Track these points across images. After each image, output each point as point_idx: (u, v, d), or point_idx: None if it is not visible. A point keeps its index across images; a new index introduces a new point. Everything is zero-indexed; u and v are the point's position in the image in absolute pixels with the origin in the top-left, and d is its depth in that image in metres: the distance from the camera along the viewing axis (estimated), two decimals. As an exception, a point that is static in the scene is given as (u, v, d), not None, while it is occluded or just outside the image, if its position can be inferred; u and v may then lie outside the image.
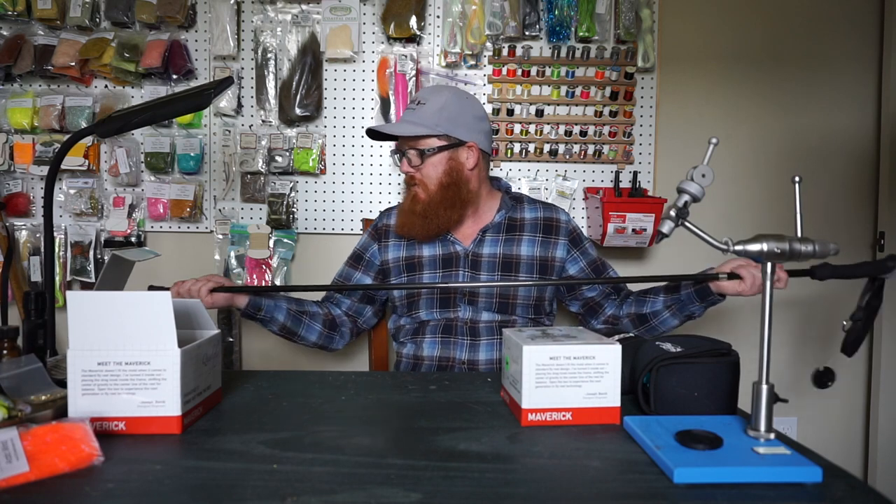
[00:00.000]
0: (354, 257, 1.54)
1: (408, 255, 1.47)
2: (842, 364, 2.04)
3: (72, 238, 1.92)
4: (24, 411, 0.74)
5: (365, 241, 1.55)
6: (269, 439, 0.75)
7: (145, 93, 1.90)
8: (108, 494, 0.60)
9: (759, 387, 0.71)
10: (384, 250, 1.50)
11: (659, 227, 0.77)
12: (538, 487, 0.62)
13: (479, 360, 1.39)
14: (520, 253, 1.44)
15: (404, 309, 1.46)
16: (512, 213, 1.49)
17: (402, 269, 1.47)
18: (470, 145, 1.41)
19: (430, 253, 1.46)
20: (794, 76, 1.98)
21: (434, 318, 1.43)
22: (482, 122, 1.45)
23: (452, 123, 1.40)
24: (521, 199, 1.53)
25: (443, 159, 1.41)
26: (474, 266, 1.43)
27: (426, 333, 1.42)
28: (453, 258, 1.44)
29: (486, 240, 1.45)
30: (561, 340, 0.83)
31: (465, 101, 1.43)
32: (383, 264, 1.50)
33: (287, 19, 1.89)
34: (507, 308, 1.42)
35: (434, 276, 1.44)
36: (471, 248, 1.44)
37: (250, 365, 1.98)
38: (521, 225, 1.47)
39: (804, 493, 0.62)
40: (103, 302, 0.75)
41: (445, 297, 1.42)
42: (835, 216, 2.01)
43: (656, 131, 1.95)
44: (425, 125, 1.39)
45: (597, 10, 1.86)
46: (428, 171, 1.41)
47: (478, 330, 1.40)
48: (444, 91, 1.43)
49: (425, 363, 1.41)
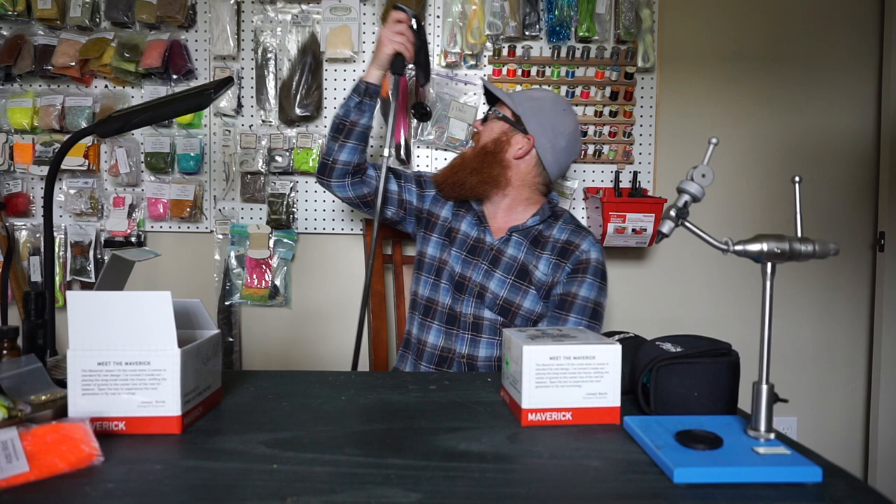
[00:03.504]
0: (416, 174, 1.60)
1: (452, 224, 1.52)
2: (842, 364, 2.04)
3: (72, 238, 1.92)
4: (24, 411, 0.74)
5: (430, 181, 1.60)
6: (269, 439, 0.75)
7: (145, 93, 1.90)
8: (108, 494, 0.60)
9: (759, 387, 0.71)
10: (440, 204, 1.56)
11: (659, 227, 0.77)
12: (538, 487, 0.62)
13: (479, 355, 1.42)
14: (537, 269, 1.43)
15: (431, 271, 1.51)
16: (544, 227, 1.47)
17: (442, 230, 1.53)
18: (528, 137, 1.45)
19: (465, 230, 1.50)
20: (794, 76, 1.98)
21: (445, 301, 1.46)
22: (559, 136, 1.46)
23: (530, 113, 1.46)
24: (559, 216, 1.50)
25: (499, 129, 1.48)
26: (493, 262, 1.45)
27: (434, 318, 1.47)
28: (479, 248, 1.47)
29: (513, 240, 1.46)
30: (561, 340, 0.83)
31: (555, 109, 1.47)
32: (431, 215, 1.56)
33: (287, 19, 1.89)
34: (507, 314, 1.42)
35: (458, 257, 1.48)
36: (497, 243, 1.46)
37: (250, 365, 1.98)
38: (546, 243, 1.45)
39: (804, 493, 0.62)
40: (103, 302, 0.75)
41: (461, 282, 1.46)
42: (835, 216, 2.01)
43: (656, 131, 1.95)
44: (512, 98, 1.48)
45: (597, 10, 1.86)
46: (486, 131, 1.50)
47: (481, 326, 1.43)
48: (549, 93, 1.53)
49: (427, 350, 1.47)
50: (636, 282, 2.00)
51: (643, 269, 2.00)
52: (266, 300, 1.92)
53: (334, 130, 1.48)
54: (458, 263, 1.47)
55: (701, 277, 2.00)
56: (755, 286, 1.96)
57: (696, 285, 2.00)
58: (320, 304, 1.98)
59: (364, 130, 1.48)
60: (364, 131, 1.48)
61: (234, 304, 1.94)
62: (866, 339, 2.04)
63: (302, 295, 1.98)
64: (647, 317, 2.00)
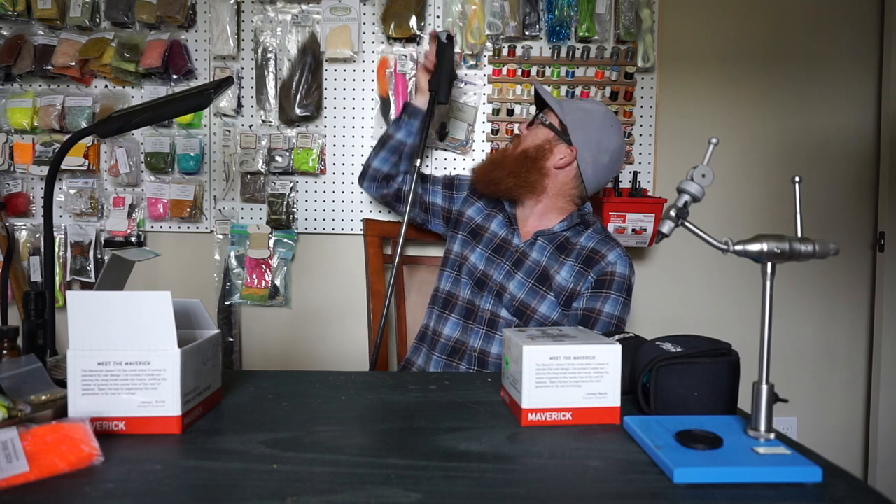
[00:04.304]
0: (447, 178, 1.69)
1: (480, 222, 1.55)
2: (842, 364, 2.04)
3: (72, 238, 1.92)
4: (24, 411, 0.74)
5: (464, 182, 1.66)
6: (269, 439, 0.75)
7: (145, 93, 1.90)
8: (108, 494, 0.60)
9: (759, 387, 0.71)
10: (469, 204, 1.61)
11: (659, 227, 0.77)
12: (538, 487, 0.62)
13: (492, 352, 1.44)
14: (558, 275, 1.42)
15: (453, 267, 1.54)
16: (572, 234, 1.47)
17: (467, 228, 1.57)
18: (572, 148, 1.46)
19: (494, 229, 1.52)
20: (794, 76, 1.98)
21: (465, 295, 1.48)
22: (603, 152, 1.47)
23: (577, 124, 1.46)
24: (589, 225, 1.50)
25: (544, 136, 1.48)
26: (517, 264, 1.45)
27: (453, 311, 1.50)
28: (504, 248, 1.49)
29: (538, 244, 1.46)
30: (561, 340, 0.83)
31: (604, 124, 1.47)
32: (460, 215, 1.61)
33: (287, 19, 1.89)
34: (522, 316, 1.43)
35: (482, 255, 1.50)
36: (523, 246, 1.47)
37: (250, 365, 1.98)
38: (572, 250, 1.45)
39: (804, 493, 0.62)
40: (103, 302, 0.75)
41: (483, 280, 1.47)
42: (835, 216, 2.01)
43: (656, 131, 1.95)
44: (562, 108, 1.48)
45: (597, 10, 1.86)
46: (530, 135, 1.51)
47: (496, 324, 1.45)
48: (601, 106, 1.52)
49: (441, 341, 1.48)
50: (636, 282, 2.00)
51: (643, 269, 2.00)
52: (266, 300, 1.92)
53: (378, 140, 1.66)
54: (482, 261, 1.49)
55: (701, 277, 2.00)
56: (755, 286, 1.96)
57: (696, 285, 2.00)
58: (320, 304, 1.98)
59: (397, 145, 1.61)
60: (397, 146, 1.61)
61: (234, 304, 1.94)
62: (866, 339, 2.03)
63: (302, 295, 1.98)
64: (647, 317, 2.00)
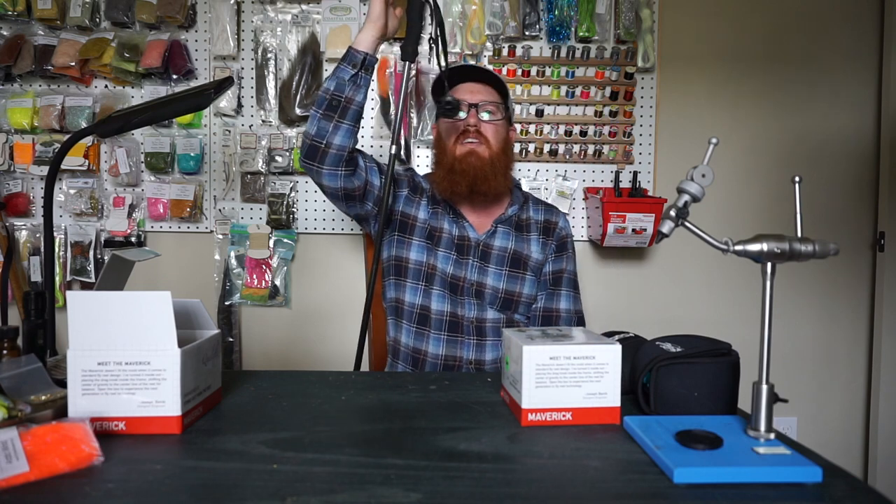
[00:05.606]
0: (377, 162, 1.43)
1: (433, 224, 1.42)
2: (842, 364, 2.04)
3: (72, 238, 1.92)
4: (24, 411, 0.74)
5: (400, 175, 1.47)
6: (268, 439, 0.75)
7: (145, 93, 1.90)
8: (108, 494, 0.60)
9: (759, 387, 0.71)
10: (414, 204, 1.44)
11: (659, 227, 0.77)
12: (538, 487, 0.62)
13: (486, 359, 1.40)
14: (530, 253, 1.45)
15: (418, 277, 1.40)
16: (521, 211, 1.49)
17: (424, 232, 1.42)
18: (513, 127, 1.49)
19: (447, 228, 1.43)
20: (794, 76, 1.98)
21: (442, 308, 1.39)
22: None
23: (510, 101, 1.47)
24: (528, 198, 1.53)
25: (504, 126, 1.45)
26: (484, 257, 1.43)
27: (432, 327, 1.39)
28: (465, 246, 1.42)
29: (499, 232, 1.45)
30: (561, 340, 0.83)
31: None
32: (404, 216, 1.43)
33: (287, 19, 1.89)
34: (510, 305, 1.42)
35: (448, 257, 1.41)
36: (483, 237, 1.44)
37: (250, 365, 1.98)
38: (529, 225, 1.48)
39: (804, 493, 0.62)
40: (103, 302, 0.75)
41: (455, 283, 1.40)
42: (835, 216, 2.01)
43: (656, 131, 1.95)
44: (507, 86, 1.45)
45: (597, 10, 1.86)
46: (495, 130, 1.41)
47: (484, 329, 1.41)
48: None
49: (429, 360, 1.39)
50: (636, 282, 2.00)
51: (643, 269, 2.00)
52: (266, 300, 1.92)
53: (326, 107, 1.27)
54: (449, 264, 1.40)
55: (701, 277, 2.00)
56: (755, 286, 1.96)
57: (696, 285, 2.00)
58: (320, 304, 1.98)
59: (359, 109, 1.30)
60: (359, 110, 1.30)
61: (234, 304, 1.94)
62: (866, 340, 2.03)
63: (302, 295, 1.98)
64: (647, 317, 2.00)
